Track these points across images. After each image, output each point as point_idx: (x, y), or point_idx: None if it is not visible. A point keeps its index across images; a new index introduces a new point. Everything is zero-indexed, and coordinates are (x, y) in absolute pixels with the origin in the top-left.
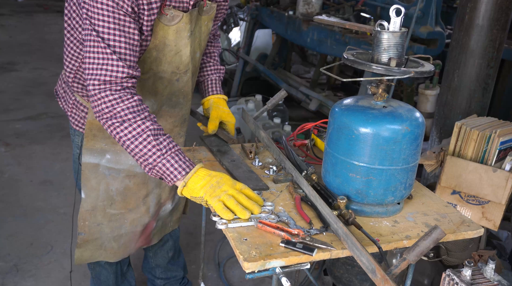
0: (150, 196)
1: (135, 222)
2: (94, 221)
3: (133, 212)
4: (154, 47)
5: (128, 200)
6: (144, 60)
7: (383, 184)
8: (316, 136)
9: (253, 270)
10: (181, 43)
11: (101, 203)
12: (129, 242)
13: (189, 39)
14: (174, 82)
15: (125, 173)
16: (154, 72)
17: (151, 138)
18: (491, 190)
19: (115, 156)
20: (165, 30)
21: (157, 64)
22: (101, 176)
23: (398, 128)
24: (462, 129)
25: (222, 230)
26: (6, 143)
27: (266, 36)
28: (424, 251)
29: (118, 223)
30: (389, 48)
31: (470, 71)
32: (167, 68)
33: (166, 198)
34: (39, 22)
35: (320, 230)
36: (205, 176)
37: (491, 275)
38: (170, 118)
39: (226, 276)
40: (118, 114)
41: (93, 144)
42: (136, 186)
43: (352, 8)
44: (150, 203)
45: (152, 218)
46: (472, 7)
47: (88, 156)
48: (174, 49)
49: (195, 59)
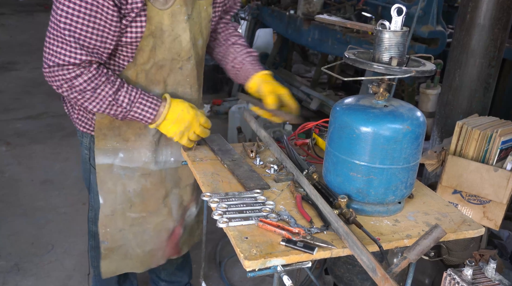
0: (170, 196)
1: (159, 227)
2: (116, 227)
3: (155, 215)
4: (150, 33)
5: (147, 201)
6: (142, 48)
7: (384, 183)
8: (317, 136)
9: (254, 269)
10: (178, 28)
11: (120, 206)
12: (156, 250)
13: (187, 23)
14: (177, 70)
15: (140, 171)
16: (155, 61)
17: (113, 103)
18: (492, 189)
19: (127, 153)
20: (160, 15)
21: (156, 52)
22: (116, 176)
23: (399, 127)
24: (463, 128)
25: (223, 228)
26: (7, 142)
27: (267, 35)
28: (425, 250)
29: (140, 228)
30: (390, 48)
31: (471, 71)
32: (167, 55)
33: (189, 200)
34: (39, 22)
35: (321, 229)
36: (173, 120)
37: (492, 274)
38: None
39: (227, 275)
40: (77, 87)
41: (104, 143)
42: (153, 185)
43: (353, 7)
44: (171, 204)
45: (178, 224)
46: (474, 7)
47: (101, 157)
48: (172, 35)
49: (197, 46)
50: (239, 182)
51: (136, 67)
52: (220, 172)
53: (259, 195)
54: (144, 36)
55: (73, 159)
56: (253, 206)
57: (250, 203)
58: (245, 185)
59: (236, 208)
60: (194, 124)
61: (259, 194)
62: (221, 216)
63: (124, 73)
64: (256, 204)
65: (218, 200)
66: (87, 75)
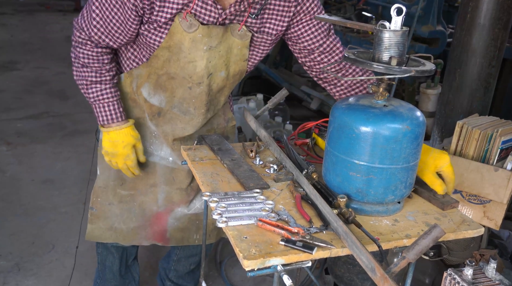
0: (158, 188)
1: (143, 205)
2: (106, 199)
3: (142, 194)
4: (167, 47)
5: (137, 182)
6: (158, 56)
7: (383, 183)
8: (317, 135)
9: (253, 268)
10: (196, 54)
11: (113, 182)
12: (139, 228)
13: (206, 53)
14: (186, 88)
15: None
16: (167, 71)
17: (84, 87)
18: (492, 189)
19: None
20: (183, 35)
21: (169, 65)
22: None
23: (398, 127)
24: (464, 128)
25: (222, 228)
26: (8, 142)
27: None
28: (424, 249)
29: (127, 205)
30: (390, 47)
31: (472, 71)
32: (179, 72)
33: (179, 200)
34: (40, 21)
35: (320, 229)
36: (110, 140)
37: (493, 274)
38: (180, 124)
39: (227, 275)
40: (76, 50)
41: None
42: (145, 173)
43: (354, 7)
44: (157, 194)
45: (163, 210)
46: (474, 6)
47: (101, 134)
48: (188, 57)
49: (216, 76)
50: (239, 182)
51: (149, 69)
52: (219, 171)
53: (259, 194)
54: (161, 47)
55: (74, 159)
56: (252, 205)
57: (250, 203)
58: (245, 185)
59: (236, 207)
60: (119, 159)
61: (258, 194)
62: (220, 216)
63: (139, 69)
64: (256, 204)
65: (218, 200)
66: (88, 50)
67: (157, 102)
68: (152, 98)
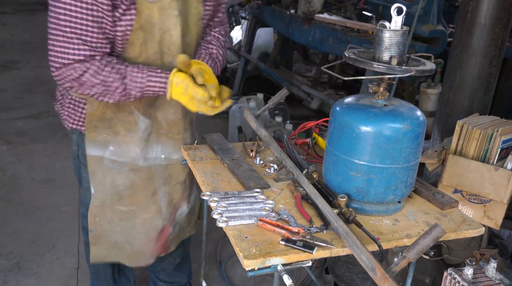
0: (159, 193)
1: (147, 224)
2: (104, 218)
3: (144, 210)
4: (140, 27)
5: (136, 196)
6: (133, 42)
7: (383, 183)
8: (318, 135)
9: (253, 268)
10: (169, 22)
11: (109, 198)
12: (144, 247)
13: (178, 19)
14: (168, 65)
15: (128, 166)
16: (146, 56)
17: (124, 93)
18: (493, 188)
19: (117, 147)
20: (149, 8)
21: (147, 46)
22: (106, 169)
23: (399, 127)
24: (464, 128)
25: (223, 228)
26: (8, 141)
27: (267, 34)
28: (424, 249)
29: (129, 222)
30: (391, 47)
31: (472, 70)
32: (159, 49)
33: (180, 199)
34: (40, 21)
35: (321, 228)
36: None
37: (493, 274)
38: (170, 108)
39: (228, 275)
40: (87, 84)
41: (95, 135)
42: (142, 181)
43: (354, 6)
44: (160, 202)
45: (168, 222)
46: (474, 6)
47: (92, 148)
48: (162, 28)
49: (185, 43)
50: (239, 181)
51: (128, 61)
52: (220, 171)
53: (259, 194)
54: (134, 29)
55: None
56: (252, 205)
57: (250, 202)
58: (245, 184)
59: (236, 207)
60: (195, 101)
61: (259, 193)
62: (220, 215)
63: None
64: (256, 203)
65: (218, 199)
66: (92, 69)
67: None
68: None
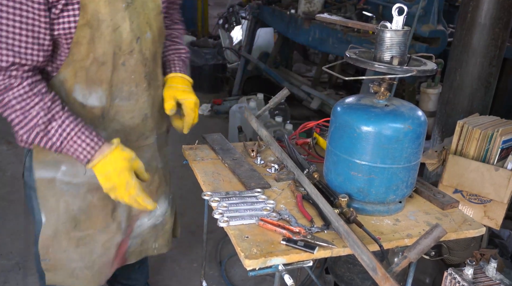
0: (119, 209)
1: (107, 244)
2: (59, 248)
3: (104, 232)
4: (86, 23)
5: (94, 218)
6: (79, 41)
7: (384, 183)
8: (318, 135)
9: (254, 268)
10: (117, 17)
11: (63, 225)
12: (104, 267)
13: (126, 12)
14: (120, 67)
15: (85, 187)
16: (95, 56)
17: (42, 135)
18: (493, 188)
19: (71, 166)
20: (95, 2)
21: (95, 45)
22: (59, 193)
23: (400, 127)
24: (464, 128)
25: (224, 227)
26: (8, 141)
27: (267, 34)
28: (425, 249)
29: (87, 248)
30: (392, 47)
31: (472, 70)
32: (108, 49)
33: (139, 211)
34: None
35: (322, 228)
36: (103, 174)
37: (493, 274)
38: (127, 114)
39: (228, 275)
40: (6, 104)
41: (44, 155)
42: (101, 201)
43: (354, 6)
44: (120, 217)
45: (125, 235)
46: (475, 6)
47: (40, 170)
48: (111, 25)
49: (144, 40)
50: (240, 181)
51: (74, 65)
52: (221, 171)
53: (260, 194)
54: (79, 26)
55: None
56: (253, 205)
57: (251, 202)
58: (246, 184)
59: (237, 207)
60: (121, 191)
61: (259, 193)
62: (221, 215)
63: (61, 74)
64: (257, 203)
65: (219, 199)
66: (18, 90)
67: (97, 101)
68: (89, 99)
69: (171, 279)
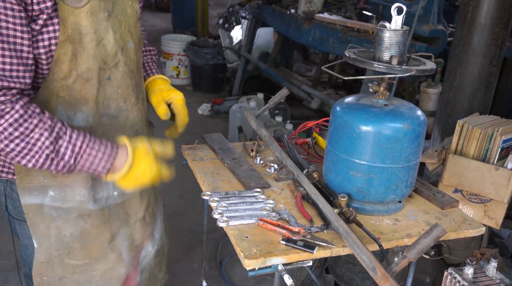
0: (118, 237)
1: (107, 275)
2: (54, 275)
3: (101, 261)
4: (67, 39)
5: (89, 246)
6: (60, 59)
7: (384, 182)
8: (318, 135)
9: (254, 268)
10: (101, 28)
11: (56, 252)
12: None
13: (109, 22)
14: (105, 82)
15: (76, 212)
16: (78, 74)
17: (52, 157)
18: (493, 188)
19: (58, 191)
20: (75, 14)
21: (78, 62)
22: (48, 218)
23: (399, 126)
24: (464, 127)
25: (223, 227)
26: None
27: (267, 34)
28: (425, 248)
29: (85, 276)
30: (391, 47)
31: (473, 70)
32: (92, 64)
33: (142, 238)
34: None
35: (321, 228)
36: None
37: (493, 273)
38: (116, 133)
39: (228, 274)
40: (3, 134)
41: (29, 181)
42: (95, 228)
43: (354, 6)
44: (120, 247)
45: (132, 269)
46: (475, 6)
47: (27, 197)
48: (94, 38)
49: (127, 50)
50: (240, 181)
51: (55, 84)
52: (220, 171)
53: (259, 194)
54: (59, 42)
55: None
56: (253, 205)
57: (250, 202)
58: (245, 184)
59: (236, 207)
60: (147, 181)
61: (259, 193)
62: (221, 215)
63: (40, 95)
64: (256, 203)
65: (218, 199)
66: (12, 116)
67: (82, 121)
68: (74, 120)
69: (171, 279)
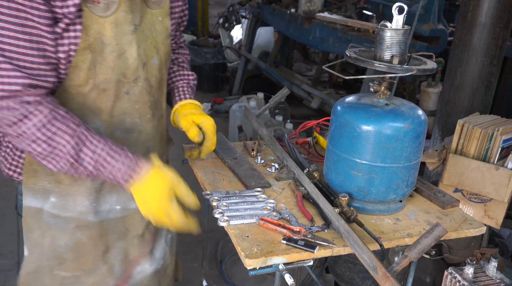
0: (112, 251)
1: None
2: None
3: (92, 274)
4: (87, 46)
5: (82, 259)
6: (78, 65)
7: (385, 182)
8: (318, 134)
9: (255, 267)
10: (124, 41)
11: (47, 262)
12: None
13: (134, 35)
14: (123, 95)
15: (74, 222)
16: (95, 83)
17: (76, 166)
18: (493, 188)
19: (60, 199)
20: (100, 23)
21: (96, 71)
22: (45, 226)
23: (400, 126)
24: (465, 127)
25: (224, 227)
26: None
27: (268, 34)
28: (426, 248)
29: None
30: (392, 46)
31: (473, 69)
32: (111, 76)
33: (138, 255)
34: None
35: (322, 228)
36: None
37: (494, 273)
38: (128, 148)
39: (228, 274)
40: (26, 135)
41: (34, 182)
42: (91, 240)
43: (354, 5)
44: (113, 260)
45: (121, 281)
46: (475, 5)
47: (29, 198)
48: (116, 50)
49: (150, 65)
50: (240, 181)
51: (71, 90)
52: (221, 170)
53: (260, 193)
54: (79, 49)
55: None
56: (254, 204)
57: (251, 202)
58: (246, 184)
59: (237, 206)
60: (162, 219)
61: (260, 193)
62: (222, 215)
63: (57, 98)
64: (257, 203)
65: (219, 199)
66: (37, 116)
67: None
68: None
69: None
